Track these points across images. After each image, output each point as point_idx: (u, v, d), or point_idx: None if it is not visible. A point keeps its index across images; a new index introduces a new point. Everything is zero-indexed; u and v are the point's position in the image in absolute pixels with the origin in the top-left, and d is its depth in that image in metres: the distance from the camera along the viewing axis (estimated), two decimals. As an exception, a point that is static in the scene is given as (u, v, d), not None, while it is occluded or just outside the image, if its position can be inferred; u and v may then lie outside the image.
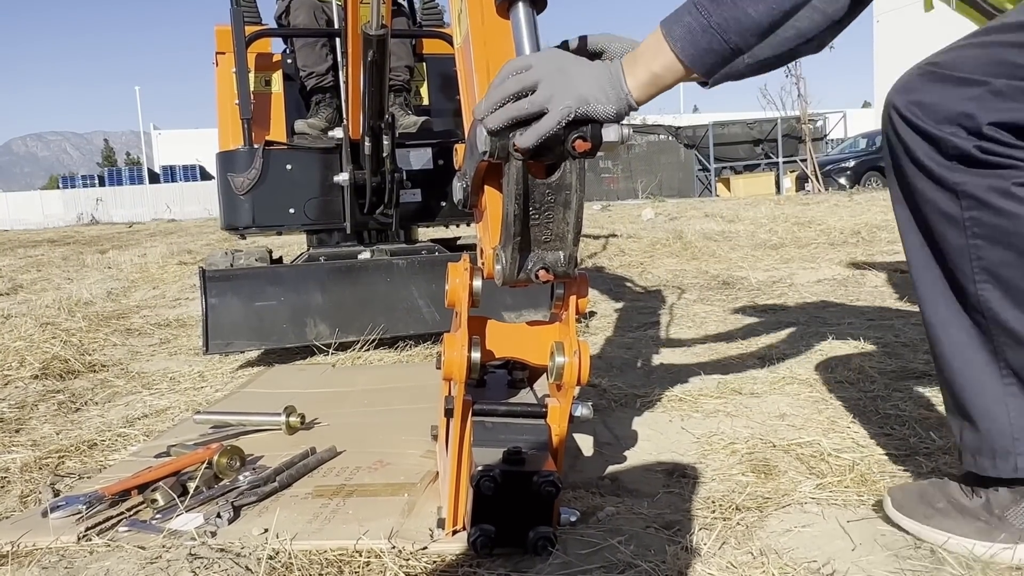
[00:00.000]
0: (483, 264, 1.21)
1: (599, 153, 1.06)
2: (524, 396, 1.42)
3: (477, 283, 1.22)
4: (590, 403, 1.24)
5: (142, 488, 1.43)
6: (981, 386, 1.11)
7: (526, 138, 1.02)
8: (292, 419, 1.83)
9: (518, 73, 1.04)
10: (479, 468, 1.11)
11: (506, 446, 1.16)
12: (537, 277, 1.11)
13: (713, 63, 1.03)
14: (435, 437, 1.59)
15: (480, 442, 1.20)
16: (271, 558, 1.17)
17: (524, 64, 1.05)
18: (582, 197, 1.08)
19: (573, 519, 1.29)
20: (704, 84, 1.10)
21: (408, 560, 1.18)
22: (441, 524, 1.24)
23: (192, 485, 1.43)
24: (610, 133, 1.03)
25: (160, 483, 1.42)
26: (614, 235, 7.27)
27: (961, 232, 1.07)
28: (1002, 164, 1.03)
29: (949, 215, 1.07)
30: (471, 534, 1.14)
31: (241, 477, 1.47)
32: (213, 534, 1.26)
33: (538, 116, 1.02)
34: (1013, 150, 1.03)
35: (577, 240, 1.11)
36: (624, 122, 1.06)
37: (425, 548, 1.20)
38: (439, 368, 1.56)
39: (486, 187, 1.20)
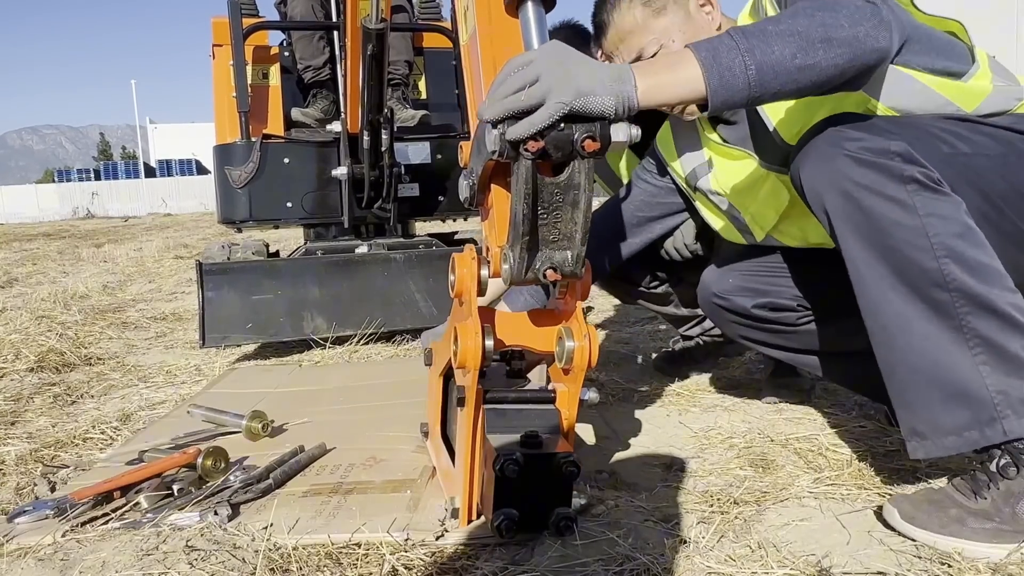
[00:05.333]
0: (489, 260, 1.20)
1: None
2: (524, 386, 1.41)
3: (484, 272, 1.22)
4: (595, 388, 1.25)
5: (125, 490, 1.38)
6: (954, 364, 1.15)
7: (518, 129, 1.00)
8: (253, 424, 1.72)
9: (520, 69, 1.02)
10: (501, 453, 1.11)
11: (520, 431, 1.16)
12: (545, 276, 1.11)
13: (729, 80, 1.08)
14: (426, 435, 1.58)
15: (494, 429, 1.20)
16: (272, 551, 1.17)
17: (526, 59, 1.03)
18: (591, 196, 1.08)
19: (583, 501, 1.30)
20: (705, 107, 1.11)
21: (421, 552, 1.17)
22: (455, 514, 1.24)
23: (176, 488, 1.38)
24: (619, 133, 1.02)
25: (143, 486, 1.37)
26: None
27: (913, 213, 1.15)
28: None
29: (898, 199, 1.16)
30: (495, 519, 1.13)
31: (232, 477, 1.43)
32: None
33: (534, 109, 1.00)
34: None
35: (585, 239, 1.10)
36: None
37: (438, 539, 1.20)
38: (428, 364, 1.54)
39: (493, 186, 1.19)
